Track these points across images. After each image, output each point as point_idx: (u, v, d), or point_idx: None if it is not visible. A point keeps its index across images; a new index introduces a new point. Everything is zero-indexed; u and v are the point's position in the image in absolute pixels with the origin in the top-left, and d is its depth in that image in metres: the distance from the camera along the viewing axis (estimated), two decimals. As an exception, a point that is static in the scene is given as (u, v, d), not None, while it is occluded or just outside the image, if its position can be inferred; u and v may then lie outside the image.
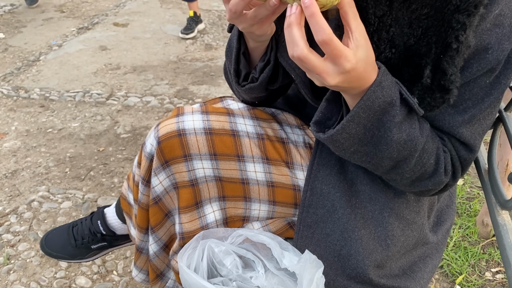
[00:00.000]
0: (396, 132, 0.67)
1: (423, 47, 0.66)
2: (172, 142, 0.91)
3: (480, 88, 0.70)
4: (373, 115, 0.64)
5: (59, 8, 3.99)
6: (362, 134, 0.66)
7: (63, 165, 2.06)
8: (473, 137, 0.74)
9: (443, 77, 0.65)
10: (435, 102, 0.68)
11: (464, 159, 0.76)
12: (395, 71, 0.68)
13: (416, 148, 0.70)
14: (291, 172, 0.92)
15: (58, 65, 2.98)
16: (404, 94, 0.65)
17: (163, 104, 2.54)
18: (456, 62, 0.64)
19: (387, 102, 0.63)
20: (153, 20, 3.70)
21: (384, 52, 0.68)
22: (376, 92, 0.62)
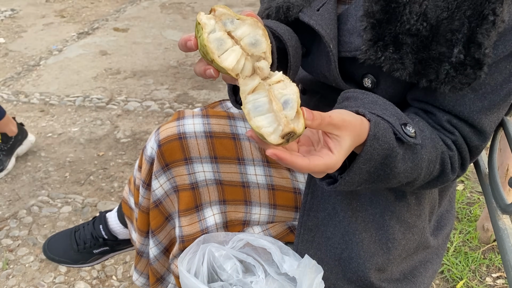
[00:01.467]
0: (401, 165, 0.67)
1: (456, 21, 0.65)
2: (172, 145, 0.91)
3: (500, 73, 0.70)
4: (374, 163, 0.64)
5: (59, 13, 4.00)
6: (367, 177, 0.66)
7: (62, 170, 2.06)
8: (489, 125, 0.74)
9: (477, 51, 0.65)
10: (466, 79, 0.67)
11: (476, 148, 0.76)
12: (424, 46, 0.68)
13: (422, 166, 0.70)
14: (291, 175, 0.92)
15: (58, 70, 2.99)
16: (398, 134, 0.65)
17: (163, 109, 2.54)
18: (491, 35, 0.64)
19: (386, 149, 0.63)
20: (153, 25, 3.71)
21: (416, 24, 0.67)
22: (373, 145, 0.62)
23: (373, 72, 0.76)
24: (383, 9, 0.69)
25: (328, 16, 0.75)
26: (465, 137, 0.75)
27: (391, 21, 0.69)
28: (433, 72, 0.69)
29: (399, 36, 0.69)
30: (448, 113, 0.74)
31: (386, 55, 0.70)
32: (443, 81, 0.68)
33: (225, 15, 0.57)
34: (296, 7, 0.77)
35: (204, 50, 0.56)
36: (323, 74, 0.82)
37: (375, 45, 0.70)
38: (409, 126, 0.67)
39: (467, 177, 2.00)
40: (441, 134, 0.75)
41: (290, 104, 0.54)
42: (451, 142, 0.75)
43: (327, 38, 0.74)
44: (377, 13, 0.70)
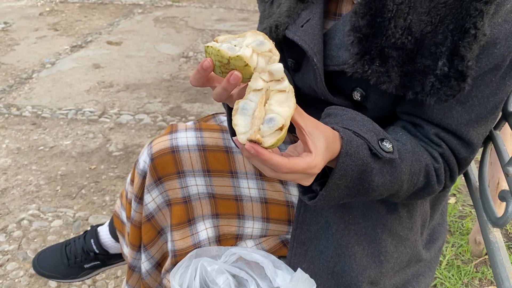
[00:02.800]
0: (379, 178, 0.69)
1: (439, 35, 0.67)
2: (165, 159, 0.91)
3: (486, 85, 0.71)
4: (350, 179, 0.66)
5: (52, 27, 4.00)
6: (346, 192, 0.68)
7: (54, 183, 2.04)
8: (477, 138, 0.75)
9: (461, 63, 0.66)
10: (451, 90, 0.69)
11: (464, 159, 0.77)
12: (410, 59, 0.70)
13: (403, 179, 0.71)
14: (284, 188, 0.92)
15: (50, 83, 2.98)
16: (373, 150, 0.66)
17: (156, 122, 2.54)
18: (473, 48, 0.66)
19: (359, 165, 0.65)
20: (146, 39, 3.73)
21: (401, 38, 0.69)
22: (345, 162, 0.64)
23: (362, 86, 0.77)
24: (369, 23, 0.71)
25: (312, 32, 0.78)
26: (453, 149, 0.76)
27: (377, 35, 0.71)
28: (418, 84, 0.70)
29: (385, 49, 0.71)
30: (436, 126, 0.75)
31: (373, 69, 0.72)
32: (429, 93, 0.70)
33: (227, 38, 0.64)
34: (282, 25, 0.80)
35: (219, 57, 0.61)
36: (312, 88, 0.83)
37: (362, 59, 0.72)
38: (386, 142, 0.68)
39: (459, 190, 2.01)
40: (428, 147, 0.76)
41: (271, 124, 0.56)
42: (438, 154, 0.76)
43: (311, 52, 0.76)
44: (363, 27, 0.72)
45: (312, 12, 0.79)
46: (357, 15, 0.72)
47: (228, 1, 4.82)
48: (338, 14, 0.81)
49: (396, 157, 0.68)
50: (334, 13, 0.82)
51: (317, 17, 0.79)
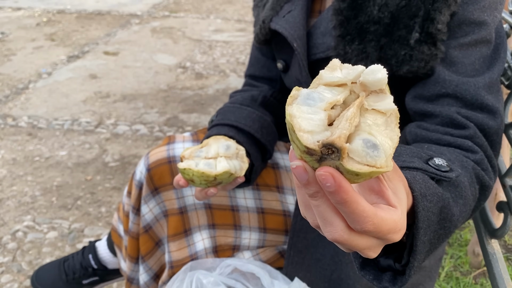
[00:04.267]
0: (456, 207, 0.57)
1: (413, 8, 0.71)
2: (161, 169, 0.90)
3: (484, 58, 0.72)
4: (433, 227, 0.52)
5: (49, 37, 4.01)
6: (429, 247, 0.53)
7: (49, 194, 2.03)
8: (496, 102, 0.71)
9: (431, 25, 0.69)
10: (422, 55, 0.70)
11: (495, 132, 0.70)
12: (386, 32, 0.73)
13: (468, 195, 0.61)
14: (281, 197, 0.92)
15: (47, 93, 2.98)
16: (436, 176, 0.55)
17: (152, 132, 2.54)
18: (443, 12, 0.69)
19: (437, 201, 0.52)
20: (144, 49, 3.74)
21: (378, 14, 0.73)
22: (426, 207, 0.49)
23: None
24: (350, 5, 0.75)
25: (293, 20, 0.82)
26: (481, 124, 0.69)
27: (357, 16, 0.75)
28: (393, 55, 0.72)
29: (364, 26, 0.74)
30: (454, 100, 0.70)
31: (353, 48, 0.75)
32: (402, 62, 0.72)
33: (192, 151, 0.73)
34: (267, 17, 0.86)
35: (204, 177, 0.70)
36: (297, 79, 0.85)
37: (343, 40, 0.75)
38: (436, 160, 0.58)
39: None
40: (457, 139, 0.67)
41: (372, 151, 0.35)
42: (471, 143, 0.67)
43: (291, 38, 0.80)
44: (344, 10, 0.75)
45: (294, 4, 0.84)
46: (338, 12, 0.76)
47: (225, 11, 4.85)
48: (322, 12, 0.85)
49: (458, 172, 0.57)
50: (318, 11, 0.86)
51: (299, 8, 0.83)
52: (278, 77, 1.02)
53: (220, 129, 0.83)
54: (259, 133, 0.85)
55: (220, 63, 3.48)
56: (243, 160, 0.73)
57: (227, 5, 5.08)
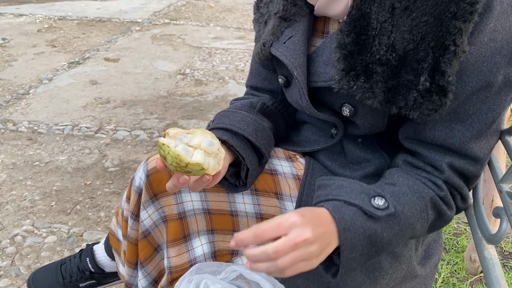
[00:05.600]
0: (389, 232, 0.71)
1: (421, 52, 0.70)
2: (161, 175, 0.91)
3: (483, 103, 0.72)
4: (361, 248, 0.68)
5: (50, 43, 4.03)
6: (364, 258, 0.70)
7: (49, 199, 2.03)
8: (482, 152, 0.76)
9: (441, 78, 0.69)
10: (433, 105, 0.70)
11: (474, 176, 0.78)
12: (394, 74, 0.72)
13: (412, 222, 0.73)
14: (280, 203, 0.93)
15: (47, 98, 2.99)
16: (368, 213, 0.69)
17: (152, 138, 2.55)
18: (453, 64, 0.68)
19: (362, 233, 0.68)
20: (144, 56, 3.76)
21: (386, 55, 0.72)
22: (348, 237, 0.67)
23: (351, 102, 0.79)
24: (354, 41, 0.74)
25: (293, 47, 0.81)
26: (461, 169, 0.76)
27: (362, 52, 0.73)
28: (402, 99, 0.72)
29: (370, 65, 0.73)
30: (440, 149, 0.76)
31: (358, 84, 0.74)
32: (412, 108, 0.72)
33: (177, 133, 0.73)
34: (268, 42, 0.85)
35: (177, 160, 0.70)
36: (298, 103, 0.86)
37: (347, 75, 0.74)
38: (378, 199, 0.70)
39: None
40: (431, 176, 0.77)
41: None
42: (442, 182, 0.76)
43: (291, 67, 0.80)
44: (348, 44, 0.74)
45: (295, 29, 0.83)
46: (343, 33, 0.75)
47: (225, 19, 4.88)
48: (325, 32, 0.84)
49: (392, 211, 0.70)
50: (322, 31, 0.85)
51: (299, 34, 0.82)
52: (280, 89, 1.02)
53: (215, 133, 0.84)
54: (253, 137, 0.86)
55: (220, 70, 3.50)
56: (219, 162, 0.74)
57: (227, 13, 5.12)
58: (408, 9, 0.70)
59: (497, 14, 0.68)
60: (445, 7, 0.68)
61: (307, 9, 0.84)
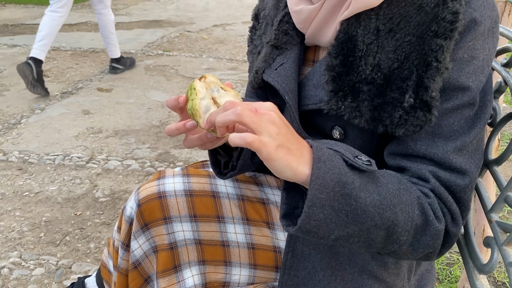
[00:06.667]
0: (366, 195, 0.66)
1: (405, 71, 0.72)
2: (152, 205, 0.91)
3: (466, 120, 0.74)
4: (333, 193, 0.63)
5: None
6: (335, 217, 0.64)
7: (38, 229, 2.00)
8: (467, 163, 0.74)
9: (425, 94, 0.70)
10: (418, 121, 0.71)
11: (463, 190, 0.74)
12: (379, 93, 0.74)
13: (395, 203, 0.68)
14: (272, 233, 0.93)
15: (39, 128, 2.98)
16: (348, 161, 0.66)
17: (143, 167, 2.54)
18: (436, 80, 0.70)
19: (337, 173, 0.63)
20: (137, 86, 3.79)
21: (371, 74, 0.74)
22: (320, 169, 0.62)
23: (340, 124, 0.81)
24: (342, 62, 0.76)
25: (284, 73, 0.84)
26: (447, 182, 0.74)
27: (349, 73, 0.76)
28: (387, 116, 0.73)
29: (356, 85, 0.75)
30: (423, 160, 0.75)
31: (346, 104, 0.76)
32: (397, 125, 0.73)
33: (213, 83, 0.72)
34: (260, 69, 0.88)
35: (194, 112, 0.70)
36: None
37: (336, 96, 0.77)
38: (362, 156, 0.68)
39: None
40: (417, 186, 0.75)
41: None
42: (428, 190, 0.74)
43: (282, 91, 0.82)
44: (336, 66, 0.77)
45: (286, 57, 0.86)
46: (331, 55, 0.77)
47: (217, 51, 4.96)
48: (315, 61, 0.87)
49: (375, 169, 0.67)
50: (312, 60, 0.88)
51: (290, 61, 0.85)
52: None
53: None
54: None
55: (212, 100, 3.53)
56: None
57: (219, 45, 5.20)
58: (392, 30, 0.74)
59: (476, 34, 0.72)
60: (426, 26, 0.71)
61: (298, 38, 0.87)
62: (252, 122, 0.59)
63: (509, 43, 0.94)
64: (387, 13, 0.74)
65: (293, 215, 0.69)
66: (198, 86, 0.70)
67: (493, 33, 0.74)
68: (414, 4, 0.73)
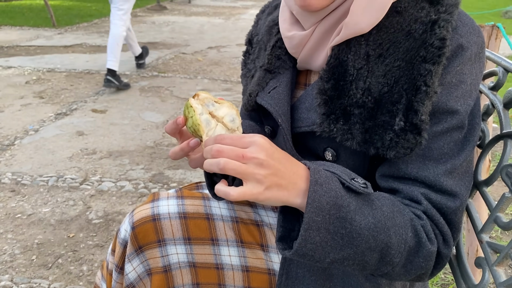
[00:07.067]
0: (362, 219, 0.67)
1: (395, 94, 0.74)
2: (146, 227, 0.91)
3: (455, 143, 0.76)
4: (328, 216, 0.64)
5: (38, 95, 4.07)
6: (331, 240, 0.66)
7: (30, 252, 1.98)
8: (458, 186, 0.76)
9: (415, 117, 0.72)
10: (408, 143, 0.73)
11: (454, 213, 0.76)
12: (370, 116, 0.75)
13: (389, 226, 0.70)
14: (266, 255, 0.93)
15: (33, 149, 2.98)
16: (346, 183, 0.68)
17: (137, 189, 2.53)
18: (425, 104, 0.72)
19: (333, 196, 0.65)
20: (131, 107, 3.80)
21: (362, 98, 0.76)
22: (317, 192, 0.64)
23: (333, 146, 0.82)
24: (333, 86, 0.78)
25: (277, 97, 0.86)
26: (438, 204, 0.75)
27: (340, 97, 0.78)
28: (378, 139, 0.75)
29: (348, 108, 0.77)
30: (414, 182, 0.77)
31: (338, 127, 0.77)
32: (388, 147, 0.74)
33: (206, 99, 0.75)
34: (254, 92, 0.90)
35: (196, 128, 0.72)
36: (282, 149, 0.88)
37: (328, 119, 0.78)
38: (358, 179, 0.70)
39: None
40: (410, 207, 0.76)
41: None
42: (421, 212, 0.75)
43: (275, 114, 0.84)
44: (328, 90, 0.79)
45: (279, 81, 0.88)
46: (323, 80, 0.79)
47: (212, 72, 5.01)
48: (307, 85, 0.89)
49: (371, 191, 0.69)
50: (304, 83, 0.90)
51: (283, 85, 0.87)
52: None
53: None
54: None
55: (207, 121, 3.55)
56: None
57: (214, 67, 5.26)
58: (382, 56, 0.76)
59: (463, 59, 0.74)
60: (415, 52, 0.74)
61: (290, 63, 0.89)
62: (237, 173, 0.62)
63: (496, 67, 0.97)
64: (377, 39, 0.77)
65: (289, 237, 0.70)
66: (194, 104, 0.73)
67: (480, 58, 0.77)
68: (402, 30, 0.76)
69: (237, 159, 0.62)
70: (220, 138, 0.65)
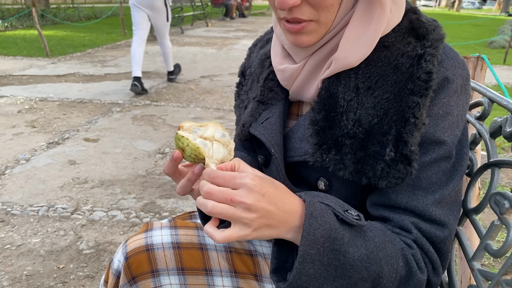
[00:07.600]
0: (355, 250, 0.69)
1: (385, 126, 0.76)
2: (139, 258, 0.91)
3: (443, 173, 0.78)
4: (323, 249, 0.67)
5: (30, 124, 4.06)
6: (324, 272, 0.68)
7: (18, 284, 1.94)
8: (446, 215, 0.78)
9: (405, 148, 0.74)
10: (399, 173, 0.75)
11: (443, 242, 0.78)
12: (361, 146, 0.77)
13: (381, 257, 0.72)
14: (259, 285, 0.92)
15: (24, 179, 2.96)
16: (340, 215, 0.70)
17: (129, 218, 2.51)
18: (414, 135, 0.74)
19: (327, 229, 0.67)
20: (124, 136, 3.81)
21: (353, 129, 0.78)
22: (312, 225, 0.66)
23: (325, 175, 0.84)
24: (325, 117, 0.81)
25: (270, 127, 0.88)
26: (427, 233, 0.78)
27: (332, 127, 0.80)
28: (370, 169, 0.77)
29: (339, 139, 0.79)
30: (404, 212, 0.79)
31: (330, 157, 0.79)
32: (380, 177, 0.76)
33: (191, 126, 0.78)
34: (247, 123, 0.92)
35: (196, 152, 0.73)
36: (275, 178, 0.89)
37: (320, 149, 0.80)
38: (351, 211, 0.72)
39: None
40: (400, 236, 0.78)
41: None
42: (411, 241, 0.78)
43: (268, 144, 0.86)
44: (319, 121, 0.81)
45: (272, 111, 0.90)
46: (314, 111, 0.81)
47: (204, 101, 5.05)
48: (299, 115, 0.91)
49: (364, 224, 0.71)
50: (296, 114, 0.92)
51: (276, 115, 0.89)
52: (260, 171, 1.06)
53: None
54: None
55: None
56: (230, 153, 0.76)
57: (207, 95, 5.31)
58: (371, 88, 0.79)
59: (449, 91, 0.77)
60: (403, 85, 0.76)
61: (283, 94, 0.91)
62: (224, 216, 0.64)
63: (481, 98, 1.00)
64: (366, 73, 0.79)
65: (283, 268, 0.72)
66: (184, 133, 0.75)
67: (465, 89, 0.80)
68: (390, 64, 0.79)
69: (226, 202, 0.64)
70: (213, 176, 0.66)
